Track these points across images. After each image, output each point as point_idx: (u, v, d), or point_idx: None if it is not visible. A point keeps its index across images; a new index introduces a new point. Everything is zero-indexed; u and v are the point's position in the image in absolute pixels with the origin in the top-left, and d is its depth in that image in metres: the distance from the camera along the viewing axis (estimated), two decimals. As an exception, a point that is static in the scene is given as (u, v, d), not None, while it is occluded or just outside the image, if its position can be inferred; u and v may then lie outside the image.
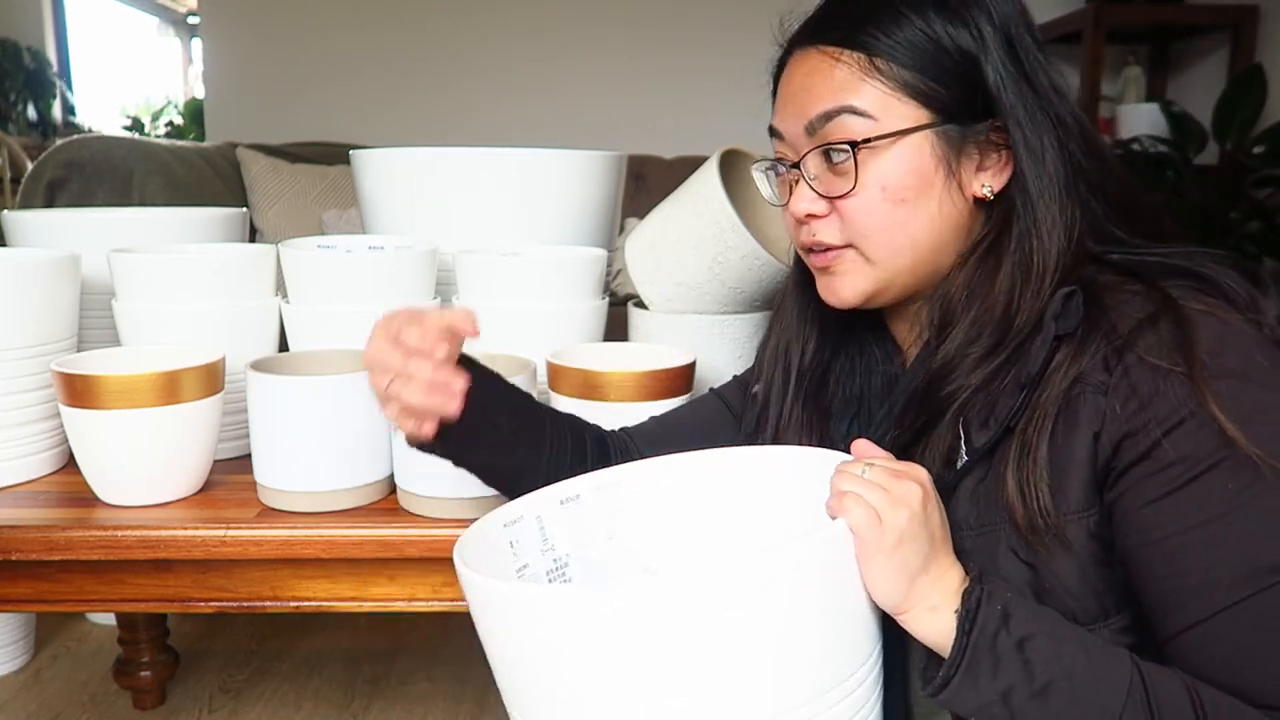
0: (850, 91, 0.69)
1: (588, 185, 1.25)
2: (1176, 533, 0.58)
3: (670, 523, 0.74)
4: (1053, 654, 0.56)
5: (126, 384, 0.88)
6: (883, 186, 0.69)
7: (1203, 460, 0.57)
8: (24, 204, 2.05)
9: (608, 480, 0.74)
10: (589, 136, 3.15)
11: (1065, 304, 0.63)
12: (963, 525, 0.65)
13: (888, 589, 0.57)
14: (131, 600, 0.92)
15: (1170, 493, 0.58)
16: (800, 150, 0.73)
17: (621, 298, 1.37)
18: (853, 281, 0.73)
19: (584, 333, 1.10)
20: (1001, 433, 0.63)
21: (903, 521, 0.56)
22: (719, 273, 1.11)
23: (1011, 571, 0.62)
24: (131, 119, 6.15)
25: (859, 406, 0.81)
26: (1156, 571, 0.59)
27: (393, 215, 1.25)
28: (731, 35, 3.22)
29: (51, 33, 5.36)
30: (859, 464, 0.60)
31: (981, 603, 0.57)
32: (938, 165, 0.69)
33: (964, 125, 0.69)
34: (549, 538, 0.70)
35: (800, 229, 0.75)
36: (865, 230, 0.71)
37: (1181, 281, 0.63)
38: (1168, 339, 0.59)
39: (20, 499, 0.95)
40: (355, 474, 0.92)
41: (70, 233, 1.15)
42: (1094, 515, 0.61)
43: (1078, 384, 0.61)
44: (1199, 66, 3.22)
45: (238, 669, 1.85)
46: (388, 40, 3.27)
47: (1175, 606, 0.58)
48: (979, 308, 0.68)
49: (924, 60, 0.69)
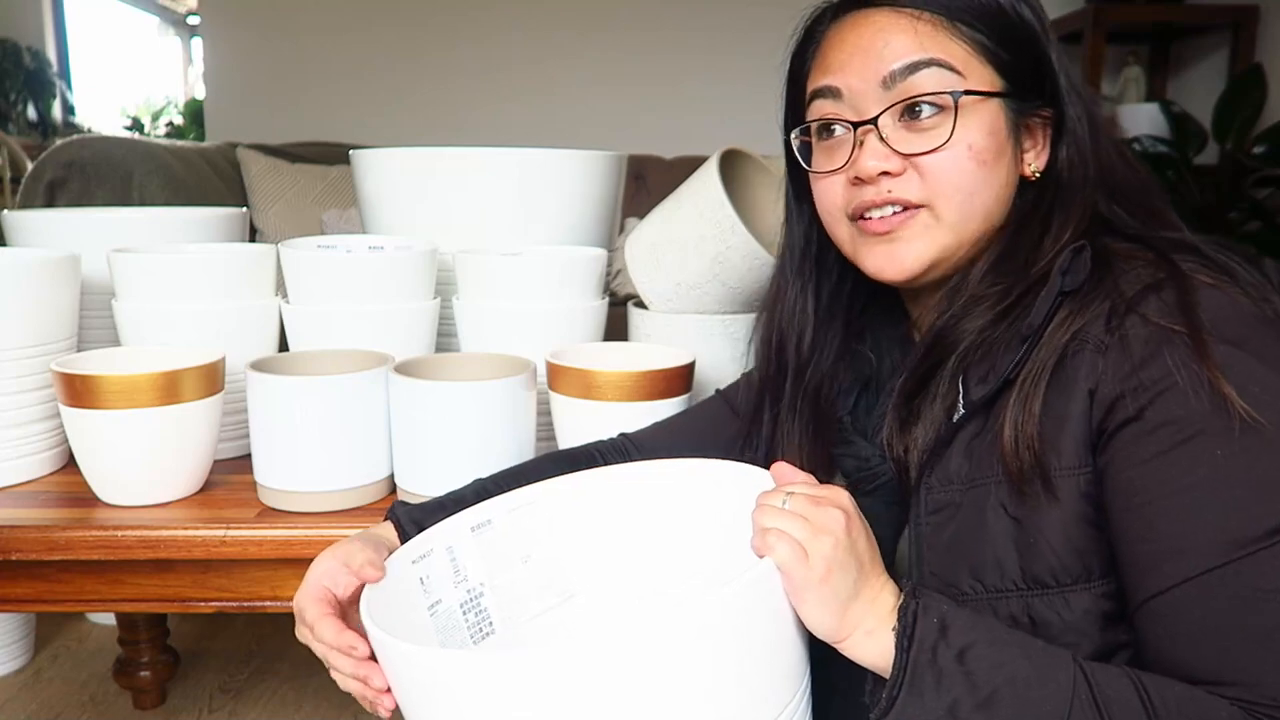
0: (937, 46, 0.68)
1: (588, 185, 1.25)
2: (1160, 496, 0.57)
3: (589, 541, 0.72)
4: (994, 661, 0.55)
5: (126, 384, 0.88)
6: (969, 144, 0.68)
7: (1193, 424, 0.57)
8: (24, 204, 2.05)
9: (523, 500, 0.72)
10: (589, 136, 3.15)
11: (1074, 259, 0.63)
12: (954, 479, 0.65)
13: (822, 619, 0.56)
14: (131, 600, 0.92)
15: (1157, 455, 0.57)
16: (869, 106, 0.70)
17: (621, 298, 1.37)
18: (921, 247, 0.70)
19: (584, 333, 1.10)
20: (1000, 386, 0.63)
21: (828, 550, 0.55)
22: (719, 273, 1.11)
23: (997, 526, 0.62)
24: (131, 119, 6.15)
25: (865, 385, 0.80)
26: (1135, 534, 0.58)
27: (393, 215, 1.25)
28: (732, 35, 3.22)
29: (51, 33, 5.37)
30: (778, 494, 0.59)
31: (918, 617, 0.56)
32: (1009, 134, 0.70)
33: (1024, 100, 0.70)
34: (461, 568, 0.68)
35: (862, 190, 0.71)
36: (947, 189, 0.69)
37: (1191, 257, 0.63)
38: (1171, 303, 0.59)
39: (20, 499, 0.95)
40: (355, 474, 0.92)
41: (70, 233, 1.15)
42: (1085, 474, 0.60)
43: (1076, 339, 0.61)
44: (1199, 66, 3.22)
45: (238, 669, 1.85)
46: (387, 40, 3.27)
47: (1149, 570, 0.57)
48: (996, 269, 0.69)
49: (999, 28, 0.69)
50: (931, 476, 0.66)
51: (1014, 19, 0.70)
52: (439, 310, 1.11)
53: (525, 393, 0.93)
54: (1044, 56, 0.70)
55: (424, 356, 1.01)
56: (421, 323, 1.08)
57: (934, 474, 0.66)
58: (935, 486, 0.66)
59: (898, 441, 0.68)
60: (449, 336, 1.16)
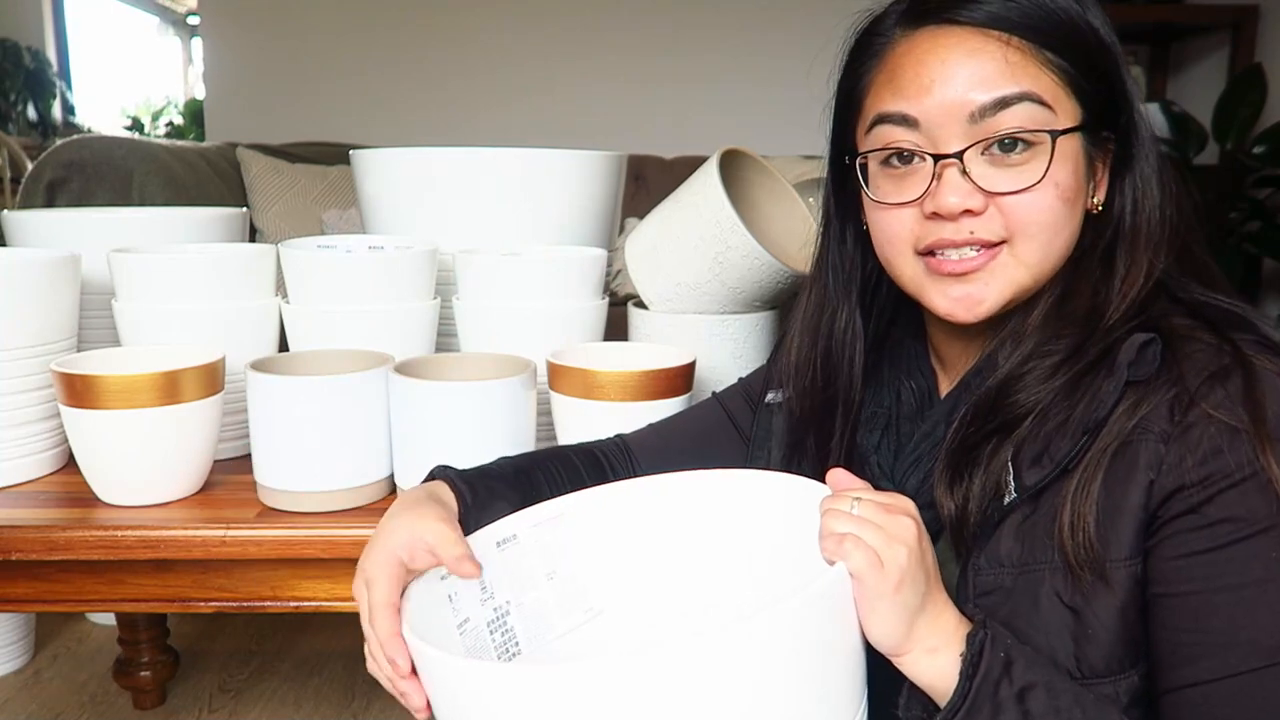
0: (1029, 78, 0.63)
1: (588, 185, 1.25)
2: (1208, 590, 0.57)
3: (612, 556, 0.71)
4: (1051, 706, 0.54)
5: (126, 384, 0.88)
6: (1057, 183, 0.64)
7: (1253, 524, 0.56)
8: (24, 204, 2.05)
9: (548, 515, 0.70)
10: (589, 136, 3.15)
11: (1141, 351, 0.60)
12: (1005, 562, 0.62)
13: (888, 631, 0.55)
14: (131, 600, 0.92)
15: (1212, 549, 0.57)
16: (952, 139, 0.65)
17: (621, 298, 1.37)
18: (1000, 288, 0.66)
19: (584, 333, 1.10)
20: (1057, 473, 0.61)
21: (903, 560, 0.54)
22: (719, 273, 1.11)
23: (1052, 615, 0.60)
24: (131, 119, 6.15)
25: (889, 422, 0.77)
26: (1178, 622, 0.58)
27: (393, 215, 1.25)
28: (732, 36, 3.22)
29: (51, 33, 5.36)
30: (845, 499, 0.57)
31: (985, 648, 0.55)
32: (1086, 168, 0.66)
33: (1098, 131, 0.67)
34: (488, 585, 0.66)
35: (939, 226, 0.66)
36: (1032, 229, 0.65)
37: (1247, 335, 0.61)
38: (1236, 396, 0.57)
39: (20, 499, 0.95)
40: (355, 474, 0.92)
41: (70, 233, 1.15)
42: (1140, 563, 0.59)
43: (1139, 428, 0.59)
44: (1199, 66, 3.22)
45: (238, 669, 1.85)
46: (388, 40, 3.27)
47: (1187, 660, 0.57)
48: (1058, 316, 0.66)
49: (1084, 56, 0.65)
50: (980, 557, 0.63)
51: (1096, 46, 0.66)
52: (439, 310, 1.11)
53: (525, 393, 0.93)
54: (1120, 82, 0.67)
55: (424, 356, 1.01)
56: (421, 323, 1.08)
57: (982, 555, 0.63)
58: (984, 568, 0.63)
59: (947, 499, 0.65)
60: (449, 336, 1.16)
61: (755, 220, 1.19)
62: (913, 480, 0.72)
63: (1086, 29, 0.65)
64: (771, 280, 1.12)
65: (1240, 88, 2.78)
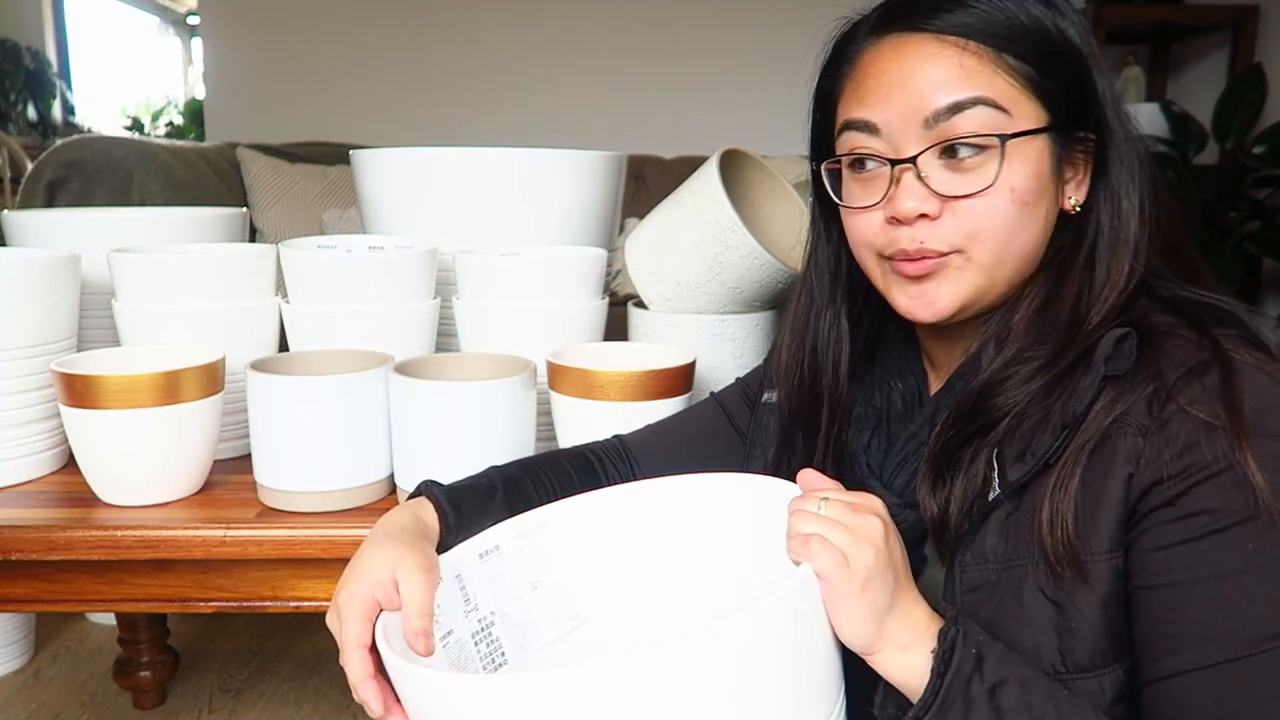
0: (984, 83, 0.64)
1: (588, 185, 1.25)
2: (1187, 581, 0.57)
3: (598, 564, 0.71)
4: (1023, 702, 0.55)
5: (126, 384, 0.88)
6: (1011, 187, 0.65)
7: (1230, 516, 0.56)
8: (24, 204, 2.05)
9: (532, 524, 0.70)
10: (589, 136, 3.15)
11: (1118, 346, 0.61)
12: (990, 558, 0.63)
13: (858, 630, 0.55)
14: (131, 600, 0.92)
15: (1188, 541, 0.57)
16: (910, 144, 0.66)
17: (621, 298, 1.37)
18: (954, 289, 0.68)
19: (584, 333, 1.10)
20: (1039, 469, 0.62)
21: (870, 559, 0.55)
22: (719, 273, 1.11)
23: (1035, 609, 0.61)
24: (131, 119, 6.15)
25: (878, 421, 0.78)
26: (1157, 614, 0.58)
27: (393, 215, 1.25)
28: (732, 36, 3.22)
29: (51, 33, 5.36)
30: (813, 500, 0.58)
31: (957, 644, 0.55)
32: (1051, 171, 0.67)
33: (1069, 132, 0.67)
34: (471, 597, 0.66)
35: (896, 231, 0.68)
36: (984, 233, 0.66)
37: (1230, 331, 0.62)
38: (1214, 390, 0.58)
39: (20, 499, 0.95)
40: (355, 474, 0.92)
41: (70, 233, 1.15)
42: (1121, 556, 0.60)
43: (1118, 423, 0.60)
44: (1199, 66, 3.23)
45: (238, 669, 1.85)
46: (388, 40, 3.27)
47: (1167, 652, 0.58)
48: (1041, 321, 0.67)
49: (1048, 57, 0.65)
50: (966, 554, 0.64)
51: (1062, 46, 0.66)
52: (439, 310, 1.11)
53: (525, 393, 0.93)
54: (1090, 84, 0.67)
55: (424, 356, 1.01)
56: (421, 323, 1.08)
57: (968, 551, 0.64)
58: (970, 564, 0.64)
59: (930, 500, 0.66)
60: (449, 336, 1.16)
61: (755, 220, 1.20)
62: (901, 480, 0.72)
63: (1054, 32, 0.66)
64: (771, 280, 1.12)
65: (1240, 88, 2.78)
